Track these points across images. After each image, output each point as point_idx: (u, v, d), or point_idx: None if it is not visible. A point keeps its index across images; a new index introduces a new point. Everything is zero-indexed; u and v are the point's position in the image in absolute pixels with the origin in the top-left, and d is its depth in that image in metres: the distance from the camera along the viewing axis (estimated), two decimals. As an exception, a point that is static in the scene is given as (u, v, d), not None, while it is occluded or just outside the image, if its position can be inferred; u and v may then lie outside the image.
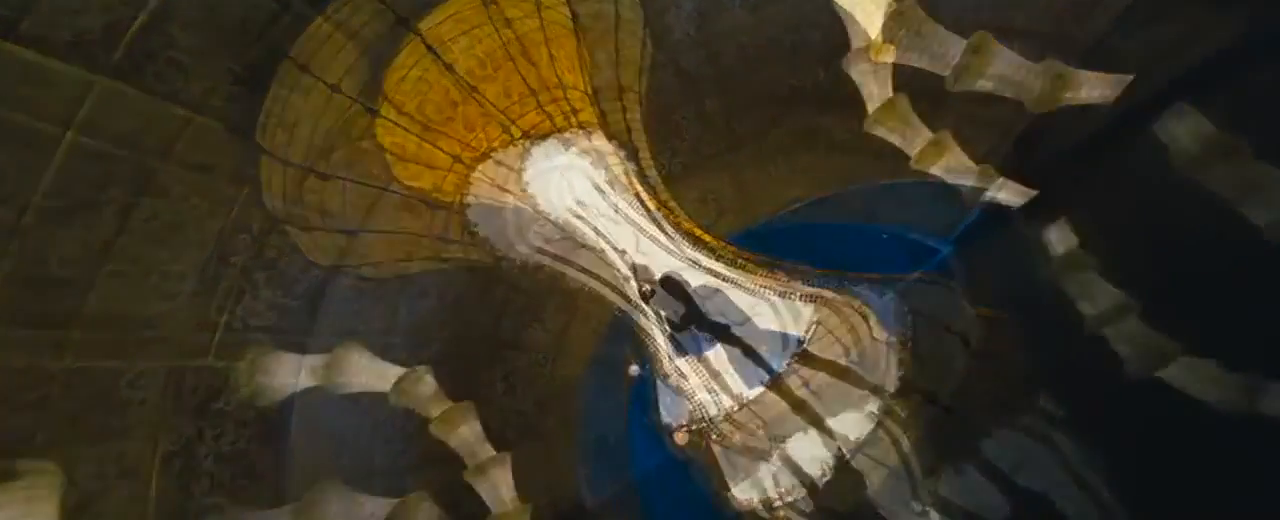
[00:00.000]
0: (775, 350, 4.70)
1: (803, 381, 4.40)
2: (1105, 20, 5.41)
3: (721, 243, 5.31)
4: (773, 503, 4.23)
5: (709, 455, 4.52)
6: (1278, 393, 2.86)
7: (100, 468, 4.18)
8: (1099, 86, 4.19)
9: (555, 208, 4.86)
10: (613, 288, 5.28)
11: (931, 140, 4.67)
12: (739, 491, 4.36)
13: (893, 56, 4.64)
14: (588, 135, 4.75)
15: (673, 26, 6.05)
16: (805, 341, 4.52)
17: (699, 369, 5.07)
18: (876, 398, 4.34)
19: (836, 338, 4.52)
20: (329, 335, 5.33)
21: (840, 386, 4.39)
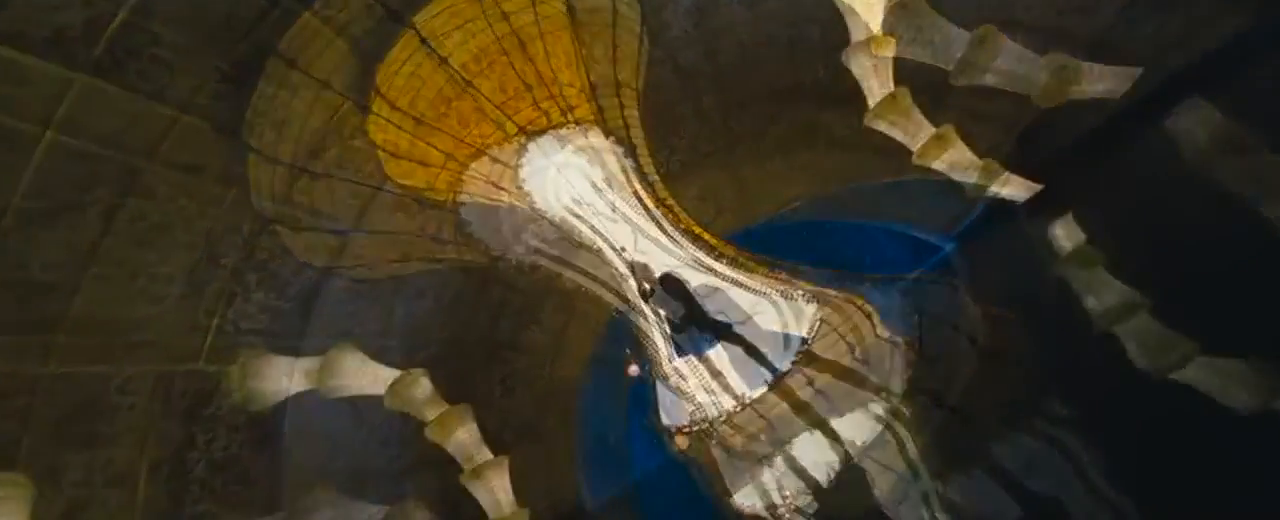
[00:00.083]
0: (778, 350, 4.62)
1: (807, 381, 4.31)
2: (1110, 12, 5.34)
3: (721, 241, 5.23)
4: (776, 508, 4.15)
5: (709, 459, 4.43)
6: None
7: (87, 475, 4.10)
8: (1107, 80, 4.11)
9: (552, 206, 4.77)
10: (611, 288, 5.20)
11: (934, 135, 4.58)
12: (741, 497, 4.28)
13: (894, 50, 4.57)
14: (584, 132, 4.67)
15: (670, 22, 5.97)
16: (809, 340, 4.43)
17: (699, 369, 4.99)
18: (883, 399, 4.26)
19: (841, 335, 4.43)
20: (323, 338, 5.25)
21: (845, 387, 4.31)
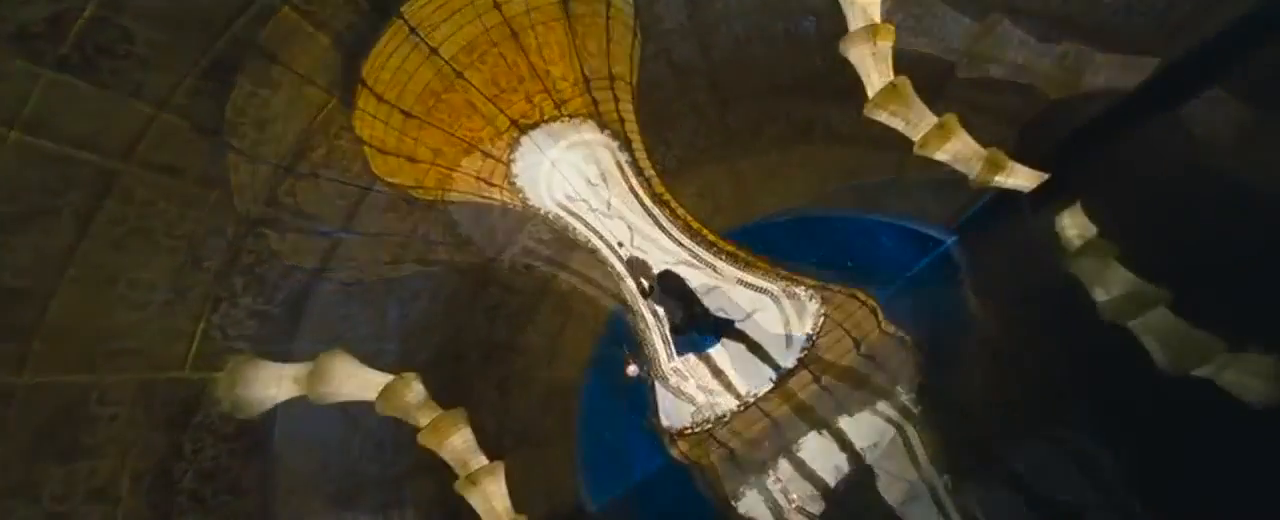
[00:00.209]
0: (781, 347, 4.49)
1: (812, 379, 4.18)
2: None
3: (721, 238, 5.10)
4: (781, 511, 4.03)
5: (711, 463, 4.30)
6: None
7: (68, 488, 3.97)
8: (1118, 71, 4.00)
9: (545, 202, 4.64)
10: (608, 288, 5.07)
11: (936, 124, 4.45)
12: (744, 503, 4.15)
13: (893, 39, 4.45)
14: (578, 126, 4.53)
15: (663, 15, 5.87)
16: (814, 337, 4.30)
17: (700, 369, 4.86)
18: (890, 399, 4.14)
19: (846, 330, 4.30)
20: (314, 342, 5.12)
21: (851, 385, 4.18)
